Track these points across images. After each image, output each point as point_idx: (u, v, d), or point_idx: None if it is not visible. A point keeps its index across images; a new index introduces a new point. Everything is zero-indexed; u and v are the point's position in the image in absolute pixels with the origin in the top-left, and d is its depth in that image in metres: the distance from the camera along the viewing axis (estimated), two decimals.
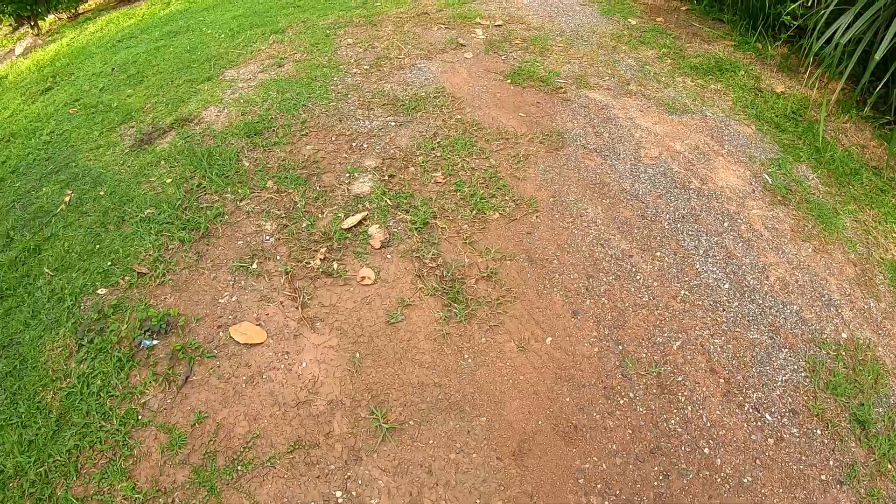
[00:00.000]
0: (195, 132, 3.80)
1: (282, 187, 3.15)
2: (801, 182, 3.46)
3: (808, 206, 3.30)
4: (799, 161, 3.63)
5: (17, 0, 7.11)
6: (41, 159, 3.95)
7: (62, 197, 3.48)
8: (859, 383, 2.45)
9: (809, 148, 3.76)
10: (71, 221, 3.24)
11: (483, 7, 5.44)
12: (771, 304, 2.72)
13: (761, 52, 4.91)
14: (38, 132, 4.31)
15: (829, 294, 2.82)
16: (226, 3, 6.39)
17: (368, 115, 3.69)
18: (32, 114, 4.67)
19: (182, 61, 4.89)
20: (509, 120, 3.64)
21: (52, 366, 2.45)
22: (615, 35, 4.96)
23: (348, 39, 4.77)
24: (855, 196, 3.44)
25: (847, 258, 3.04)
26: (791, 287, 2.82)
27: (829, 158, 3.66)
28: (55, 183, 3.62)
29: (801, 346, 2.56)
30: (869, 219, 3.30)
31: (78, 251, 3.00)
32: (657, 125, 3.77)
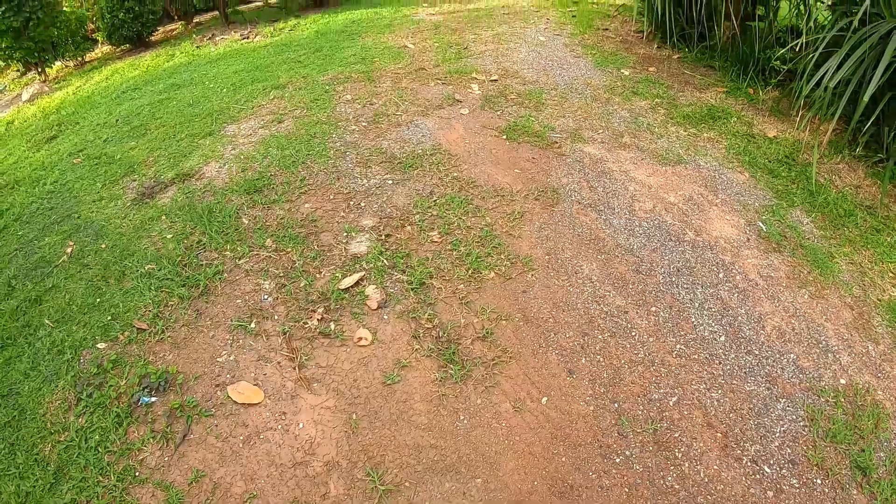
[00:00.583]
0: (196, 188, 3.90)
1: (280, 246, 3.23)
2: (796, 227, 3.53)
3: (802, 251, 3.35)
4: (793, 206, 3.70)
5: (25, 47, 7.35)
6: (44, 209, 4.05)
7: (64, 248, 3.56)
8: (859, 429, 2.46)
9: (803, 192, 3.84)
10: (72, 273, 3.32)
11: (478, 62, 5.62)
12: (768, 354, 2.75)
13: (753, 97, 5.05)
14: (42, 181, 4.42)
15: (826, 340, 2.85)
16: (228, 57, 6.58)
17: (366, 173, 3.80)
18: (37, 162, 4.79)
19: (184, 115, 5.03)
20: (505, 177, 3.74)
21: (51, 418, 2.50)
22: (608, 87, 5.10)
23: (347, 96, 4.92)
24: (850, 238, 3.50)
25: (844, 302, 3.08)
26: (788, 335, 2.85)
27: (822, 201, 3.74)
28: (57, 233, 3.71)
29: (800, 395, 2.58)
30: (864, 260, 3.35)
31: (79, 304, 3.07)
32: (651, 177, 3.86)
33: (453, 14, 7.72)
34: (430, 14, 7.80)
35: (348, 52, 6.10)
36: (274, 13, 8.65)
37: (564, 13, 7.77)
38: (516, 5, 8.27)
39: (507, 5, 8.28)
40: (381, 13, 7.89)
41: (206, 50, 7.21)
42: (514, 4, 8.33)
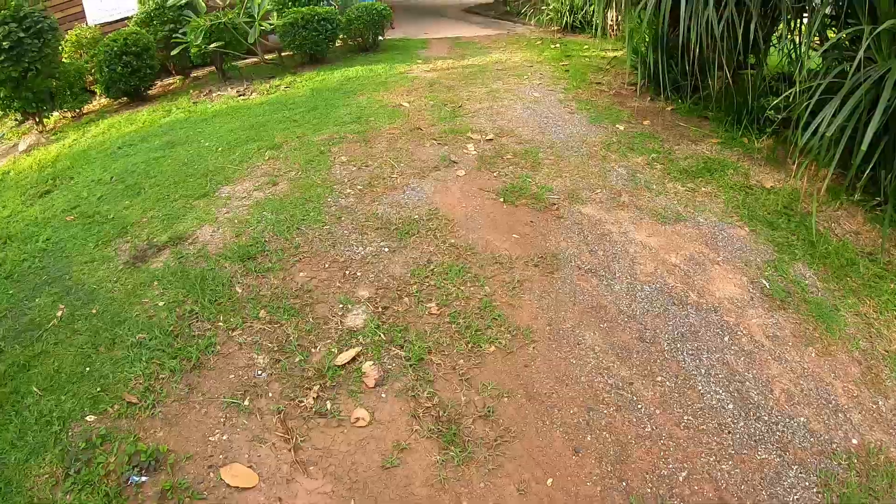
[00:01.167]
0: (189, 253, 3.86)
1: (274, 318, 3.18)
2: (799, 282, 3.51)
3: (807, 306, 3.32)
4: (795, 259, 3.69)
5: (23, 97, 7.39)
6: (36, 268, 3.99)
7: (55, 311, 3.49)
8: (874, 490, 2.40)
9: (804, 243, 3.83)
10: (62, 339, 3.24)
11: (474, 120, 5.67)
12: (777, 419, 2.70)
13: (747, 146, 5.11)
14: (35, 238, 4.38)
15: (835, 399, 2.81)
16: (224, 115, 6.62)
17: (362, 239, 3.77)
18: (30, 217, 4.75)
19: (179, 175, 5.02)
20: (503, 243, 3.72)
21: (38, 493, 2.40)
22: (605, 143, 5.14)
23: (342, 157, 4.93)
24: (853, 288, 3.48)
25: (851, 357, 3.05)
26: (797, 398, 2.81)
27: (823, 251, 3.74)
28: (48, 295, 3.65)
29: (812, 460, 2.52)
30: (869, 310, 3.33)
31: (68, 372, 2.99)
32: (651, 238, 3.84)
33: (447, 71, 7.83)
34: (424, 71, 7.91)
35: (343, 110, 6.15)
36: (270, 70, 8.76)
37: (557, 67, 7.90)
38: (509, 61, 8.41)
39: (501, 61, 8.41)
40: (376, 70, 8.00)
41: (203, 106, 7.26)
42: (507, 60, 8.47)
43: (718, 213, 4.17)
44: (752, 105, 5.28)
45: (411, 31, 12.32)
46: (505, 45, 9.90)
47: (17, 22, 6.97)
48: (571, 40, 10.19)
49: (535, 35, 11.04)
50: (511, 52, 9.14)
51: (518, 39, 10.57)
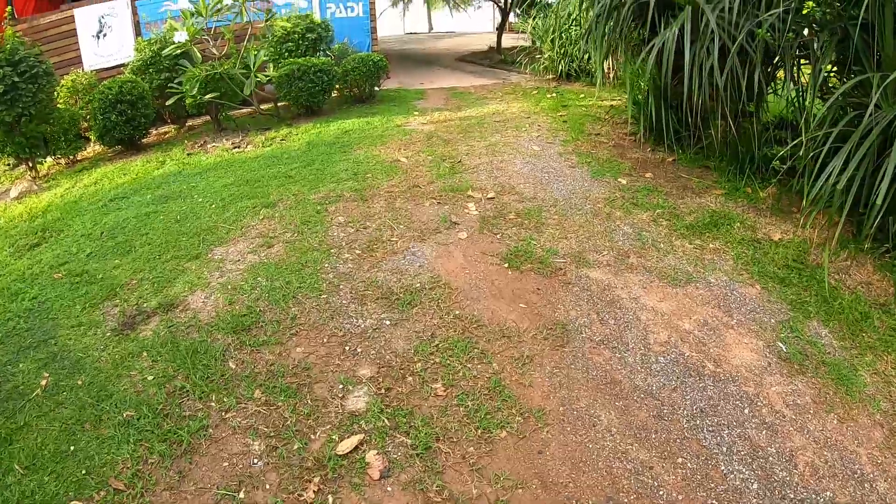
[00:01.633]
0: (180, 321, 3.71)
1: (270, 399, 3.01)
2: (815, 342, 3.41)
3: (826, 369, 3.22)
4: (809, 318, 3.60)
5: (16, 142, 7.37)
6: (21, 329, 3.82)
7: (39, 379, 3.32)
8: None
9: (817, 299, 3.74)
10: (46, 412, 3.07)
11: (474, 177, 5.59)
12: (803, 495, 2.56)
13: (752, 196, 5.04)
14: (22, 295, 4.22)
15: (860, 468, 2.69)
16: (218, 168, 6.54)
17: (361, 311, 3.63)
18: (18, 271, 4.61)
19: (171, 233, 4.90)
20: (509, 313, 3.58)
21: None
22: (608, 199, 5.05)
23: (340, 217, 4.82)
24: (869, 344, 3.39)
25: (873, 420, 2.94)
26: (822, 471, 2.67)
27: (837, 307, 3.65)
28: (33, 361, 3.48)
29: None
30: (888, 367, 3.23)
31: (51, 450, 2.81)
32: (662, 302, 3.72)
33: (445, 123, 7.81)
34: (421, 123, 7.88)
35: (340, 166, 6.07)
36: (266, 121, 8.73)
37: (556, 118, 7.89)
38: (507, 112, 8.40)
39: (498, 112, 8.41)
40: (373, 123, 7.96)
41: (197, 158, 7.19)
42: (504, 111, 8.47)
43: (728, 271, 4.07)
44: (755, 154, 5.23)
45: (407, 80, 12.40)
46: (501, 96, 9.94)
47: (11, 66, 6.99)
48: (567, 89, 10.24)
49: (530, 84, 11.11)
50: (508, 103, 9.15)
51: (514, 89, 10.62)
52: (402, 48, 21.72)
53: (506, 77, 12.58)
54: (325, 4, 10.86)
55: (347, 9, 11.03)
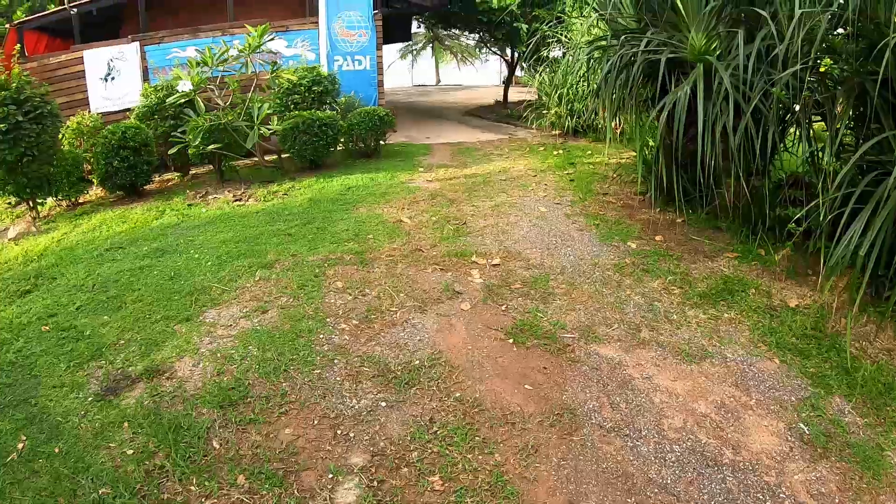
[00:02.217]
0: (165, 390, 3.51)
1: (255, 486, 2.78)
2: (838, 421, 3.22)
3: (850, 451, 3.03)
4: (831, 393, 3.42)
5: (18, 182, 7.33)
6: (2, 384, 3.65)
7: (16, 442, 3.12)
8: None
9: (838, 371, 3.57)
10: (20, 479, 2.87)
11: (479, 240, 5.44)
12: None
13: (765, 259, 4.92)
14: (7, 346, 4.07)
15: None
16: (218, 222, 6.42)
17: (356, 389, 3.41)
18: (6, 319, 4.47)
19: (164, 290, 4.75)
20: (514, 395, 3.36)
21: None
22: (618, 266, 4.89)
23: (338, 282, 4.65)
24: (895, 419, 3.22)
25: None
26: None
27: (860, 379, 3.48)
28: (11, 420, 3.29)
29: None
30: None
31: None
32: (677, 382, 3.50)
33: (450, 181, 7.72)
34: (426, 180, 7.79)
35: (341, 225, 5.94)
36: (269, 173, 8.67)
37: (562, 176, 7.80)
38: (513, 170, 8.33)
39: (504, 170, 8.34)
40: (377, 179, 7.87)
41: (198, 210, 7.09)
42: (510, 169, 8.39)
43: (745, 343, 3.89)
44: (767, 214, 5.08)
45: (413, 133, 12.43)
46: (507, 152, 9.89)
47: (16, 104, 7.01)
48: (574, 145, 10.21)
49: (537, 140, 11.10)
50: (514, 160, 9.09)
51: (520, 145, 10.59)
52: (410, 100, 21.99)
53: (512, 132, 12.60)
54: (333, 57, 10.97)
55: (355, 62, 11.12)
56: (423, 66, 36.90)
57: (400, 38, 23.11)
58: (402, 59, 35.14)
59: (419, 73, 36.72)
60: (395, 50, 32.51)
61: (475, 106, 18.17)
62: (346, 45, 11.01)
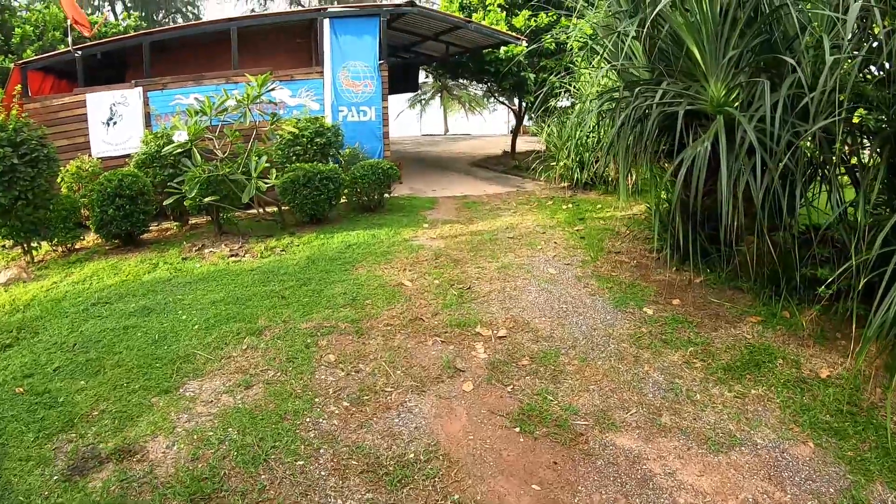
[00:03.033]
0: (135, 474, 3.21)
1: None
2: None
3: None
4: (871, 480, 3.12)
5: (11, 225, 7.20)
6: None
7: None
8: None
9: (878, 452, 3.28)
10: None
11: (484, 307, 5.13)
12: None
13: (790, 322, 4.65)
14: None
15: None
16: (210, 281, 6.15)
17: (342, 487, 3.04)
18: None
19: (146, 355, 4.48)
20: (521, 498, 2.98)
21: None
22: (634, 336, 4.56)
23: (330, 355, 4.33)
24: None
25: None
26: None
27: None
28: None
29: None
30: None
31: None
32: (702, 477, 3.14)
33: (455, 239, 7.45)
34: (430, 238, 7.52)
35: (338, 288, 5.65)
36: (268, 227, 8.44)
37: (572, 233, 7.53)
38: (520, 226, 8.07)
39: (512, 226, 8.08)
40: (379, 236, 7.61)
41: (192, 265, 6.84)
42: (518, 225, 8.13)
43: (776, 425, 3.55)
44: (792, 273, 4.75)
45: (419, 185, 12.25)
46: (515, 206, 9.66)
47: (12, 146, 6.93)
48: (584, 198, 9.98)
49: (545, 193, 10.89)
50: (522, 215, 8.84)
51: (528, 198, 10.37)
52: (417, 150, 21.97)
53: (520, 184, 12.40)
54: (338, 108, 10.87)
55: (360, 113, 11.01)
56: (432, 115, 37.23)
57: (408, 88, 23.24)
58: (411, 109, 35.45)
59: (428, 122, 37.03)
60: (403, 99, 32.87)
61: (482, 156, 18.07)
62: (351, 95, 10.93)
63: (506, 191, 11.45)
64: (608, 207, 9.07)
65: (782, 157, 4.15)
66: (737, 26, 4.67)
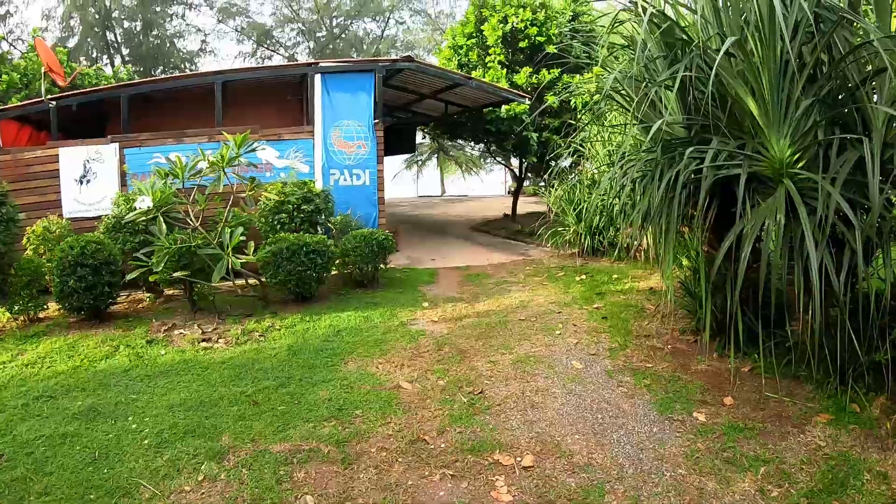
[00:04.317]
0: None
1: None
2: None
3: None
4: None
5: None
6: None
7: None
8: None
9: None
10: None
11: (502, 423, 4.20)
12: None
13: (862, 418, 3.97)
14: None
15: None
16: (172, 375, 5.28)
17: None
18: None
19: (79, 482, 3.62)
20: None
21: None
22: (690, 456, 3.73)
23: (307, 496, 3.37)
24: None
25: None
26: None
27: None
28: None
29: None
30: None
31: None
32: None
33: (460, 322, 6.58)
34: (431, 321, 6.66)
35: (322, 391, 4.71)
36: (249, 303, 7.52)
37: (592, 312, 6.71)
38: (533, 303, 7.23)
39: (523, 304, 7.24)
40: (373, 319, 6.71)
41: (156, 351, 5.95)
42: (529, 303, 7.29)
43: None
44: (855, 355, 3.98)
45: (417, 253, 11.49)
46: (524, 278, 8.84)
47: None
48: (596, 267, 9.22)
49: (554, 261, 10.13)
50: (532, 289, 8.00)
51: (537, 268, 9.57)
52: (414, 213, 21.30)
53: (524, 251, 11.67)
54: (329, 170, 10.15)
55: (353, 176, 10.28)
56: (429, 175, 37.26)
57: (404, 149, 22.75)
58: (408, 170, 35.40)
59: (424, 183, 36.98)
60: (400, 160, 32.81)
61: (482, 220, 17.44)
62: (343, 157, 10.22)
63: (510, 259, 10.64)
64: (625, 277, 8.28)
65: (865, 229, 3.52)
66: (804, 72, 3.95)
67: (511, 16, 13.77)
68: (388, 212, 11.02)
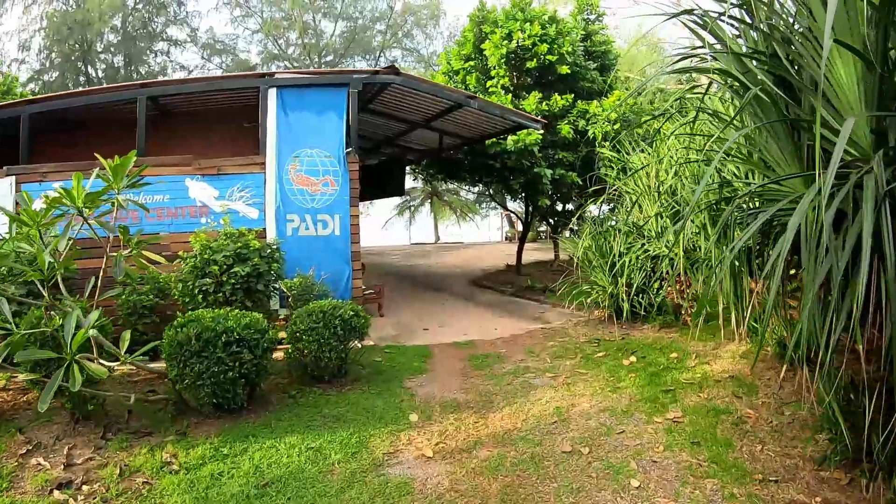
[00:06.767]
0: None
1: None
2: None
3: None
4: None
5: None
6: None
7: None
8: None
9: None
10: None
11: None
12: None
13: None
14: None
15: None
16: None
17: None
18: None
19: None
20: None
21: None
22: None
23: None
24: None
25: None
26: None
27: None
28: None
29: None
30: None
31: None
32: None
33: (469, 458, 4.17)
34: (422, 456, 4.25)
35: None
36: (153, 413, 5.11)
37: (670, 428, 4.50)
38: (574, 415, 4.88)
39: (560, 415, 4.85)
40: (328, 455, 4.23)
41: None
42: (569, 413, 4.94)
43: None
44: None
45: (406, 317, 9.25)
46: (549, 362, 6.53)
47: None
48: (641, 340, 7.04)
49: (581, 331, 7.92)
50: (568, 384, 5.68)
51: (563, 344, 7.28)
52: (406, 263, 19.05)
53: (540, 314, 9.49)
54: (285, 216, 7.92)
55: (318, 224, 7.99)
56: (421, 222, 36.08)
57: (391, 192, 20.43)
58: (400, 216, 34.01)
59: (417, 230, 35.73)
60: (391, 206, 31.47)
61: (482, 272, 15.30)
62: (304, 198, 7.96)
63: (525, 329, 8.33)
64: (687, 357, 6.07)
65: None
66: None
67: (516, 31, 11.81)
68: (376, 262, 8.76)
